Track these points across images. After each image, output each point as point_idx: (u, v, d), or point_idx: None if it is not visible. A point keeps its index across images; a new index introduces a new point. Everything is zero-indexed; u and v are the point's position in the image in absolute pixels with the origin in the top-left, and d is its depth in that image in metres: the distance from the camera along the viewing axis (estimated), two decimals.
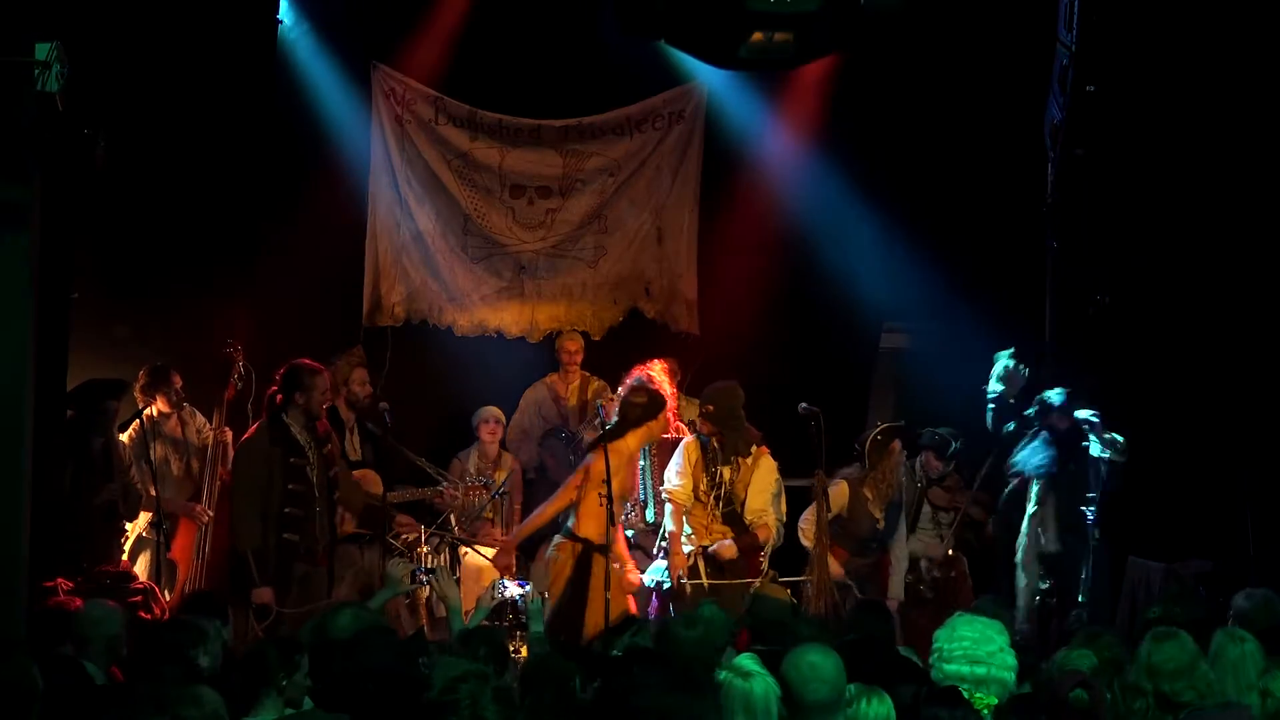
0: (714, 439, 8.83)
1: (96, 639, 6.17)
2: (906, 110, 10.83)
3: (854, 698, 4.87)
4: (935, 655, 5.27)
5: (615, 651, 5.92)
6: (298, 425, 8.56)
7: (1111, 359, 10.02)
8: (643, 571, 9.00)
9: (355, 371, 9.52)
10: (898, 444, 9.34)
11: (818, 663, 4.86)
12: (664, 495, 8.97)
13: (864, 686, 4.91)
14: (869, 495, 9.29)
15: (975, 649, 5.19)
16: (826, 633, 6.08)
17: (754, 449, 8.89)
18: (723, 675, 4.99)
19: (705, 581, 8.64)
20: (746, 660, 5.13)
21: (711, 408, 8.86)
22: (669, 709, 4.49)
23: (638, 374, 9.09)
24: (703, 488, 8.82)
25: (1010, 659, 5.23)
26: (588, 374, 10.59)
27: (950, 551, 9.68)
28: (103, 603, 6.42)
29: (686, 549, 8.79)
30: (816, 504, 8.88)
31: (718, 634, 5.87)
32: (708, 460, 8.84)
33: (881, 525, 9.24)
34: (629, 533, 9.31)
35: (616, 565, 8.62)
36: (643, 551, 9.38)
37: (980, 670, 5.15)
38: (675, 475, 8.93)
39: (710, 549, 8.73)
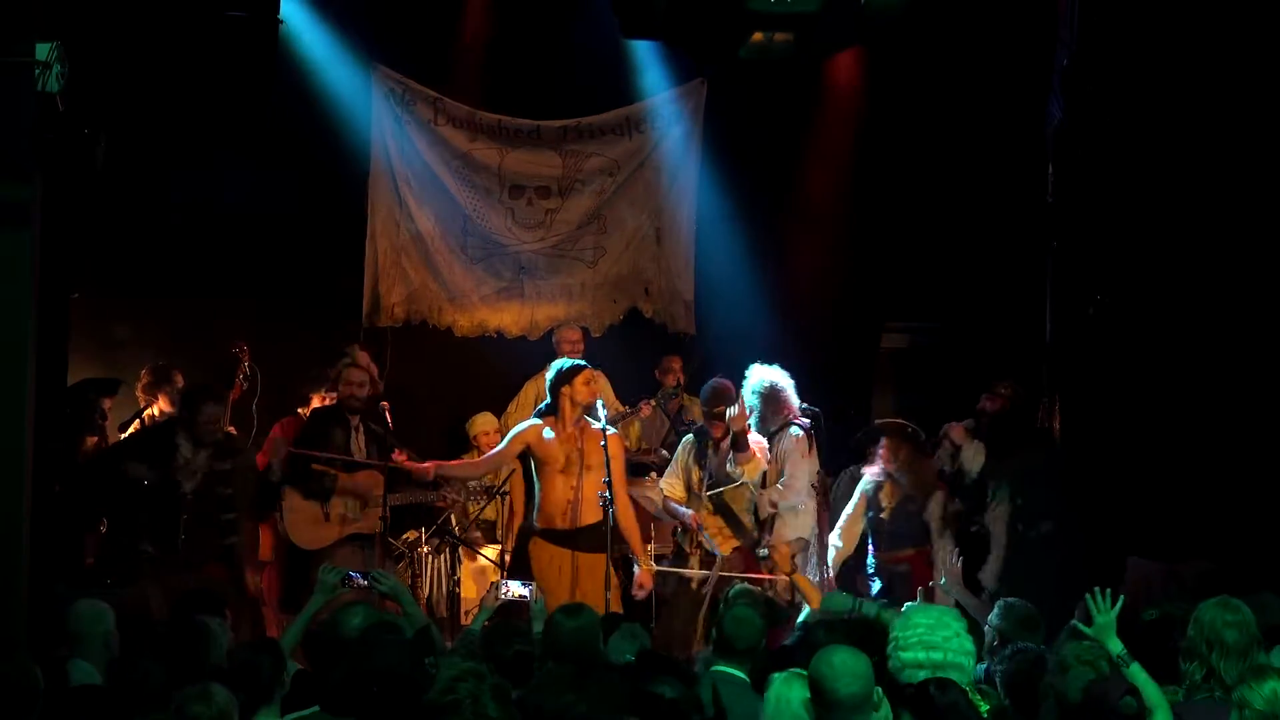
0: (720, 435, 8.79)
1: (92, 637, 6.12)
2: (907, 110, 10.84)
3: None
4: (891, 645, 5.25)
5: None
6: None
7: (1111, 359, 10.02)
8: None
9: (348, 372, 9.51)
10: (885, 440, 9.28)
11: (849, 659, 4.81)
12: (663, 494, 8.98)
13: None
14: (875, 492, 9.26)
15: (930, 635, 5.17)
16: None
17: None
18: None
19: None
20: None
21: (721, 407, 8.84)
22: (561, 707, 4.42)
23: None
24: (696, 478, 8.81)
25: (968, 644, 5.21)
26: None
27: None
28: (94, 600, 6.33)
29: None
30: (819, 503, 8.89)
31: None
32: (700, 454, 8.84)
33: (887, 520, 9.18)
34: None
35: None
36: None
37: (937, 656, 5.13)
38: (668, 474, 9.00)
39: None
